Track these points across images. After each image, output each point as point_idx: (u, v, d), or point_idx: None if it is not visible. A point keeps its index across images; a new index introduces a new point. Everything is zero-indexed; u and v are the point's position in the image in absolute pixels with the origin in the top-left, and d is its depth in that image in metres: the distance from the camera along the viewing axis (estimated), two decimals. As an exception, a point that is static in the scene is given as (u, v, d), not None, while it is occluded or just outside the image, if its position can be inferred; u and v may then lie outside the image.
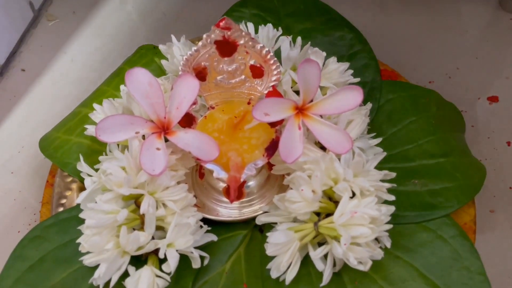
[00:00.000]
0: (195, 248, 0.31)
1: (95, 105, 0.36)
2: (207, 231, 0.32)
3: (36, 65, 0.53)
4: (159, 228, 0.31)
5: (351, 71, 0.36)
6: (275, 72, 0.33)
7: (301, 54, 0.37)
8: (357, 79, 0.36)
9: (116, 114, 0.33)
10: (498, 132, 0.45)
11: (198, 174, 0.37)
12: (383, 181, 0.31)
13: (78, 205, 0.32)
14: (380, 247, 0.30)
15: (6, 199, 0.43)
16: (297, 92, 0.36)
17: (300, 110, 0.31)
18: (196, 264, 0.31)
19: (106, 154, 0.34)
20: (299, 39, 0.38)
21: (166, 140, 0.31)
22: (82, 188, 0.35)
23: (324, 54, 0.36)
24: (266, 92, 0.34)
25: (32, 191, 0.44)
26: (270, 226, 0.33)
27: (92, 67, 0.53)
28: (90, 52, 0.54)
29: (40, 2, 0.58)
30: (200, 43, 0.32)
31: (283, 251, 0.30)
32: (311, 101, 0.31)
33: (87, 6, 0.58)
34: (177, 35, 0.40)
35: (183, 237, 0.30)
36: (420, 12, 0.55)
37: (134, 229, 0.31)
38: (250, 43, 0.32)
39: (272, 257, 0.31)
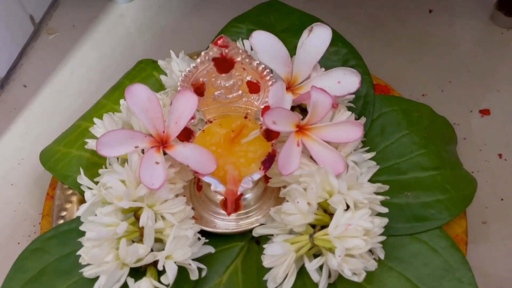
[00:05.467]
0: (193, 260, 0.31)
1: (95, 120, 0.36)
2: (205, 243, 0.32)
3: (36, 78, 0.54)
4: (158, 240, 0.32)
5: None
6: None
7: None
8: (352, 96, 0.37)
9: (116, 129, 0.34)
10: (489, 145, 0.46)
11: (196, 187, 0.37)
12: (376, 193, 0.32)
13: (78, 217, 0.32)
14: (374, 259, 0.31)
15: (6, 210, 0.44)
16: (292, 108, 0.36)
17: (301, 129, 0.32)
18: (194, 276, 0.31)
19: (106, 167, 0.35)
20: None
21: (165, 154, 0.31)
22: (82, 201, 0.35)
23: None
24: (262, 107, 0.34)
25: (32, 202, 0.44)
26: (266, 238, 0.33)
27: (91, 80, 0.53)
28: (90, 65, 0.55)
29: (41, 16, 0.58)
30: (198, 60, 0.32)
31: (279, 262, 0.31)
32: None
33: (87, 20, 0.59)
34: (175, 49, 0.40)
35: (181, 249, 0.31)
36: (413, 26, 0.56)
37: (133, 242, 0.31)
38: (247, 60, 0.32)
39: (269, 269, 0.31)
